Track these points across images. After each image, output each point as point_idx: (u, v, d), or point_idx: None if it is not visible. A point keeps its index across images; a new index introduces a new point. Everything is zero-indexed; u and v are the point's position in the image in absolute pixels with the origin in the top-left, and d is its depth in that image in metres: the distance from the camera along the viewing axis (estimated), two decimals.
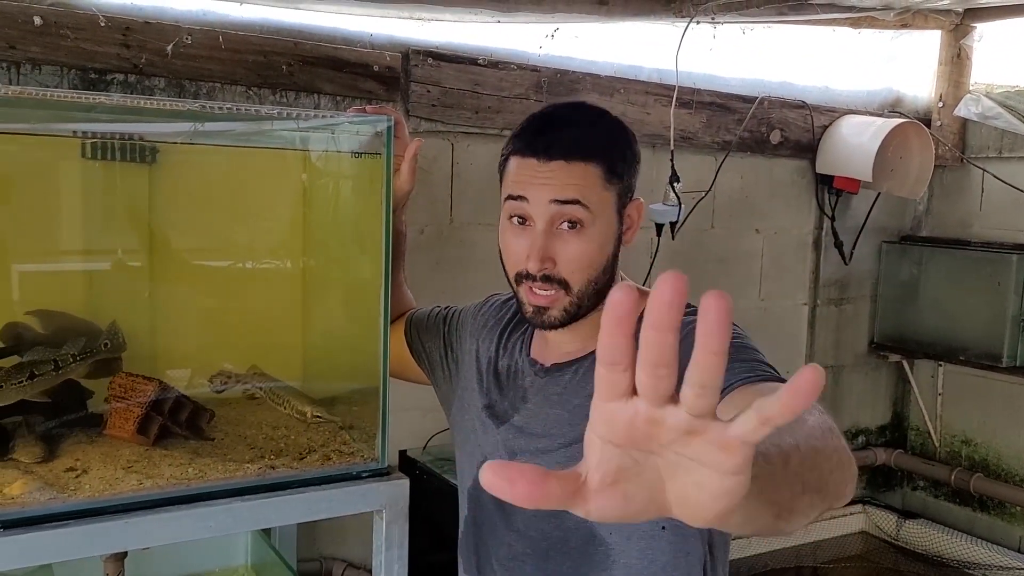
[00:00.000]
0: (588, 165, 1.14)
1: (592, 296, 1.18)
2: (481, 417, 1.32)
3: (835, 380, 3.28)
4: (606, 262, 1.17)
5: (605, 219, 1.16)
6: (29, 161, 1.53)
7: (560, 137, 1.15)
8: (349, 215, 1.66)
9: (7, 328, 1.46)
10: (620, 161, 1.17)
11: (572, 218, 1.14)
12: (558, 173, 1.14)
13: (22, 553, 1.19)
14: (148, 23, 1.84)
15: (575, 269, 1.16)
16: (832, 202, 3.09)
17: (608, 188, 1.16)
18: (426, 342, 1.47)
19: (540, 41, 2.42)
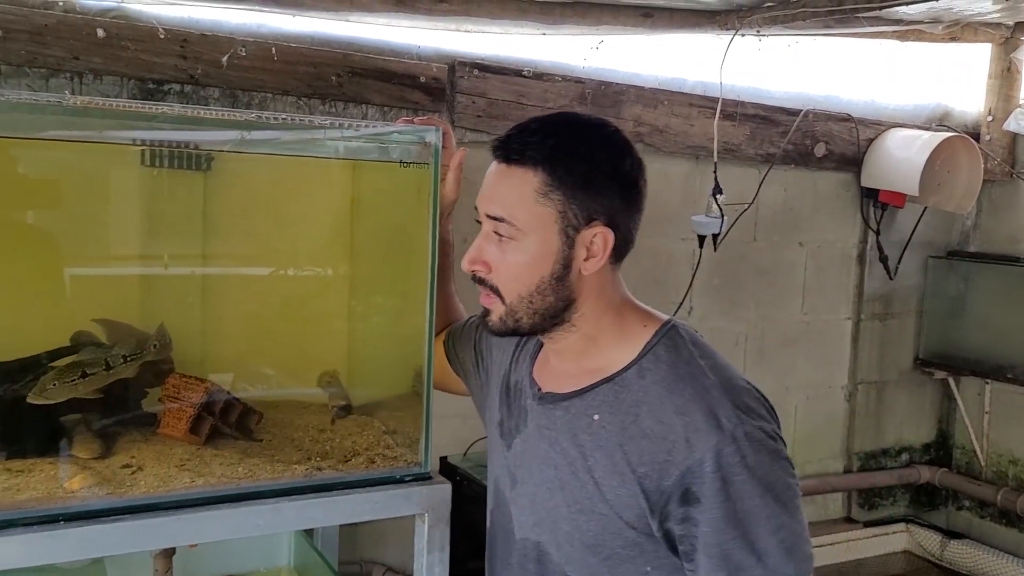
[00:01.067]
0: (525, 171, 1.09)
1: (530, 314, 1.13)
2: (495, 435, 1.31)
3: (879, 397, 3.24)
4: (540, 282, 1.11)
5: (537, 236, 1.10)
6: (93, 168, 1.58)
7: (513, 140, 1.12)
8: (396, 224, 1.69)
9: (75, 336, 1.51)
10: (568, 175, 1.09)
11: (500, 231, 1.11)
12: (497, 182, 1.13)
13: (80, 546, 1.24)
14: (205, 35, 1.90)
15: (504, 280, 1.13)
16: (877, 216, 3.07)
17: (544, 203, 1.09)
18: (460, 351, 1.47)
19: (584, 53, 2.45)
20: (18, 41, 1.73)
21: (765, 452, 1.06)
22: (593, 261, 1.11)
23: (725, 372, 1.12)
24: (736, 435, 1.05)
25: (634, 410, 1.11)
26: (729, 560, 1.04)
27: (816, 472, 3.12)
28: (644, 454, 1.08)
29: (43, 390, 1.35)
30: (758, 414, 1.08)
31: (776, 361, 2.98)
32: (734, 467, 1.04)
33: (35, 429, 1.41)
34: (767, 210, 2.87)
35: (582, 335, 1.16)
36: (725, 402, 1.07)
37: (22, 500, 1.25)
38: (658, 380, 1.11)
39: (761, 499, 1.04)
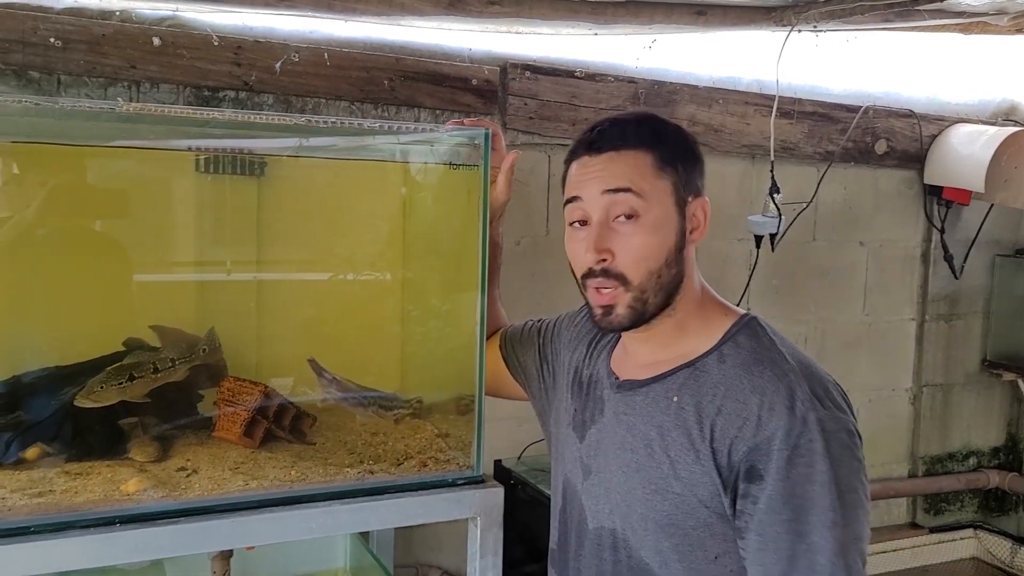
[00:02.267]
0: (638, 153, 1.15)
1: (657, 291, 1.15)
2: (568, 430, 1.32)
3: (945, 399, 3.14)
4: (668, 254, 1.14)
5: (661, 208, 1.14)
6: (147, 175, 1.61)
7: (608, 132, 1.17)
8: (447, 226, 1.69)
9: (127, 342, 1.54)
10: (672, 150, 1.16)
11: (626, 208, 1.13)
12: (608, 165, 1.15)
13: (135, 548, 1.25)
14: (258, 42, 1.92)
15: (634, 260, 1.14)
16: (941, 214, 2.98)
17: (661, 176, 1.14)
18: (521, 356, 1.47)
19: (637, 53, 2.41)
20: (77, 51, 1.76)
21: (836, 443, 1.04)
22: (698, 232, 1.18)
23: (805, 361, 1.13)
24: (808, 419, 1.04)
25: (712, 391, 1.12)
26: (777, 543, 1.03)
27: (880, 476, 3.04)
28: (718, 430, 1.09)
29: (91, 392, 1.37)
30: (836, 404, 1.07)
31: (837, 364, 2.90)
32: (800, 449, 1.03)
33: (93, 432, 1.43)
34: (826, 209, 2.80)
35: (675, 322, 1.19)
36: (803, 386, 1.07)
37: (79, 503, 1.27)
38: (738, 364, 1.13)
39: (823, 488, 1.02)
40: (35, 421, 1.44)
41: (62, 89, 1.78)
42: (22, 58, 1.74)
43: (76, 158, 1.56)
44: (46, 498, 1.27)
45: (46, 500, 1.27)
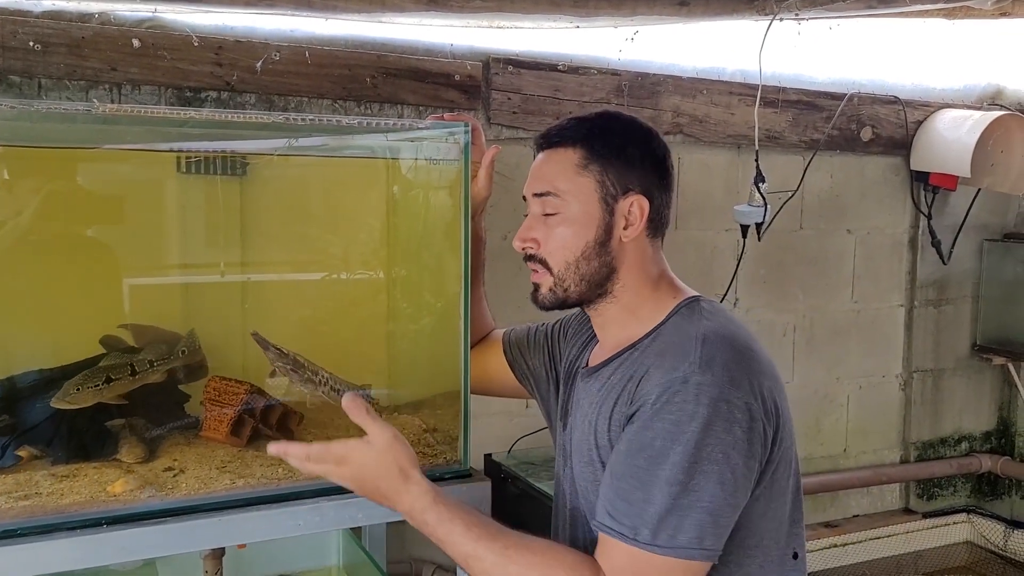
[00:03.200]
0: (566, 150, 1.22)
1: (577, 281, 1.22)
2: (557, 421, 1.39)
3: (935, 385, 3.15)
4: (585, 248, 1.21)
5: (580, 204, 1.20)
6: (130, 176, 1.61)
7: (551, 131, 1.26)
8: (429, 221, 1.69)
9: (103, 340, 1.53)
10: (605, 148, 1.20)
11: (548, 207, 1.22)
12: (541, 166, 1.25)
13: (124, 548, 1.25)
14: (239, 42, 1.92)
15: (551, 250, 1.23)
16: (928, 200, 2.99)
17: (584, 173, 1.20)
18: (530, 360, 1.51)
19: (620, 45, 2.42)
20: (57, 54, 1.76)
21: (713, 411, 1.06)
22: (631, 228, 1.21)
23: (723, 331, 1.15)
24: (689, 380, 1.08)
25: (636, 366, 1.18)
26: (621, 483, 1.08)
27: (871, 463, 3.05)
28: (630, 396, 1.15)
29: (67, 395, 1.37)
30: (731, 378, 1.08)
31: (826, 352, 2.91)
32: (672, 406, 1.07)
33: (80, 434, 1.43)
34: (813, 197, 2.81)
35: (622, 306, 1.25)
36: (698, 351, 1.11)
37: (66, 504, 1.27)
38: (661, 340, 1.19)
39: (680, 448, 1.05)
40: (22, 424, 1.44)
41: (43, 93, 1.78)
42: (2, 62, 1.73)
43: (58, 161, 1.56)
44: (32, 500, 1.28)
45: (32, 503, 1.27)
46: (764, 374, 1.13)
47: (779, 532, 1.18)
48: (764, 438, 1.10)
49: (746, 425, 1.07)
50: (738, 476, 1.07)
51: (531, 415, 2.29)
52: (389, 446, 1.16)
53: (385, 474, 1.16)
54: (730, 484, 1.06)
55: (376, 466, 1.16)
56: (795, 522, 1.21)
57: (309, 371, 1.54)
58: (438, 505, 1.14)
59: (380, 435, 1.16)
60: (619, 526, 1.07)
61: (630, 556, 1.06)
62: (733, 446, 1.06)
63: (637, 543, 1.05)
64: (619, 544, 1.07)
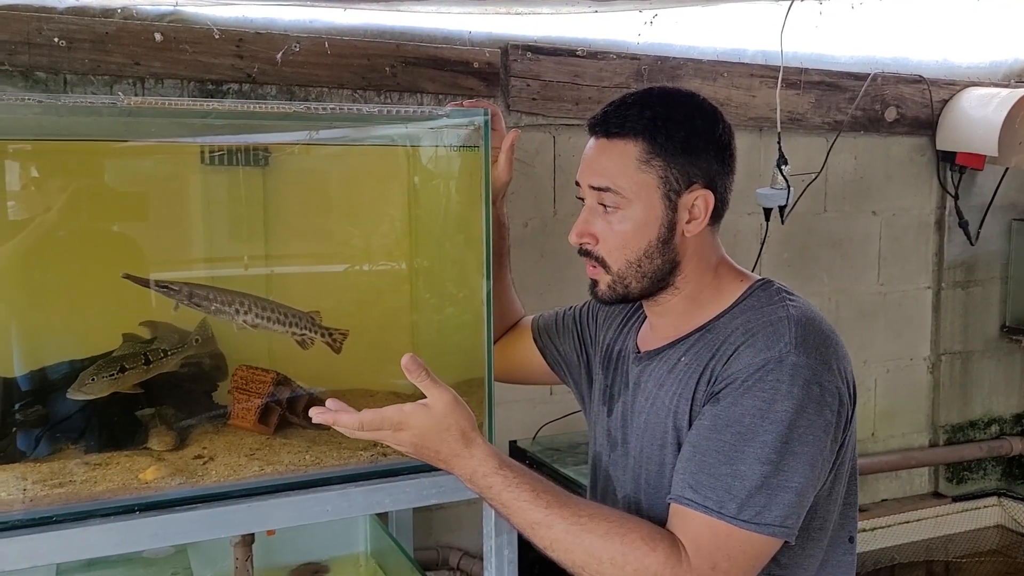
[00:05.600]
0: (626, 143, 1.15)
1: (639, 279, 1.18)
2: (599, 405, 1.35)
3: (964, 367, 3.12)
4: (648, 247, 1.17)
5: (643, 203, 1.15)
6: (155, 169, 1.62)
7: (609, 115, 1.18)
8: (450, 209, 1.69)
9: (126, 337, 1.55)
10: (668, 141, 1.14)
11: (608, 201, 1.17)
12: (598, 156, 1.19)
13: (156, 534, 1.27)
14: (259, 34, 1.93)
15: (611, 249, 1.18)
16: (955, 180, 2.95)
17: (646, 169, 1.15)
18: (561, 346, 1.49)
19: (639, 29, 2.41)
20: (81, 50, 1.78)
21: (806, 392, 1.04)
22: (695, 223, 1.16)
23: (815, 317, 1.12)
24: (785, 360, 1.05)
25: (714, 345, 1.14)
26: (706, 458, 1.06)
27: (900, 447, 3.03)
28: (712, 375, 1.12)
29: (82, 385, 1.39)
30: (824, 361, 1.07)
31: (853, 335, 2.89)
32: (764, 384, 1.05)
33: (111, 424, 1.46)
34: (837, 179, 2.79)
35: (684, 296, 1.21)
36: (792, 330, 1.08)
37: (99, 491, 1.29)
38: (744, 319, 1.15)
39: (772, 426, 1.03)
40: (54, 414, 1.47)
41: (68, 88, 1.81)
42: (28, 59, 1.76)
43: (85, 155, 1.58)
44: (67, 488, 1.30)
45: (67, 490, 1.29)
46: (847, 358, 1.13)
47: (838, 514, 1.18)
48: (846, 422, 1.10)
49: (835, 408, 1.07)
50: (825, 459, 1.07)
51: (555, 402, 2.30)
52: (450, 409, 1.12)
53: (447, 438, 1.13)
54: (818, 466, 1.06)
55: (436, 431, 1.13)
56: (850, 505, 1.20)
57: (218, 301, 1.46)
58: (504, 469, 1.11)
59: (440, 398, 1.13)
60: (703, 499, 1.04)
61: (712, 529, 1.04)
62: (824, 428, 1.06)
63: (722, 516, 1.03)
64: (701, 516, 1.04)
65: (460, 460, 1.13)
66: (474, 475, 1.12)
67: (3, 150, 1.48)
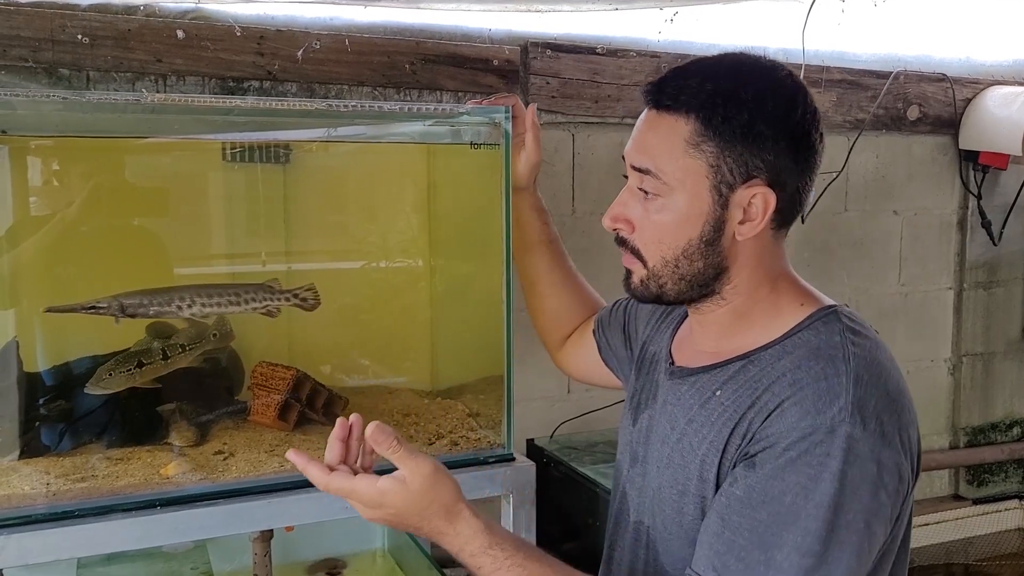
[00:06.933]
0: (677, 119, 0.98)
1: (676, 280, 1.03)
2: (626, 409, 1.24)
3: (986, 369, 3.09)
4: (687, 246, 1.00)
5: (686, 194, 0.99)
6: (177, 165, 1.64)
7: (665, 83, 1.01)
8: (473, 205, 1.70)
9: (150, 328, 1.56)
10: (726, 124, 0.96)
11: (647, 186, 1.01)
12: (646, 131, 1.02)
13: (176, 529, 1.28)
14: (280, 31, 1.94)
15: (647, 241, 1.03)
16: (978, 179, 2.92)
17: (694, 154, 0.97)
18: (611, 339, 1.37)
19: (659, 26, 2.39)
20: (104, 47, 1.79)
21: (859, 471, 0.88)
22: (750, 225, 0.99)
23: (875, 365, 0.95)
24: (837, 431, 0.89)
25: (755, 386, 0.98)
26: (736, 537, 0.91)
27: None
28: (746, 426, 0.96)
29: (100, 380, 1.40)
30: (883, 431, 0.91)
31: None
32: (810, 457, 0.88)
33: (132, 419, 1.47)
34: (858, 178, 2.76)
35: (731, 309, 1.05)
36: (850, 392, 0.91)
37: (121, 486, 1.30)
38: (793, 358, 0.97)
39: (815, 511, 0.87)
40: (77, 409, 1.48)
41: (91, 85, 1.81)
42: (52, 56, 1.77)
43: (108, 151, 1.59)
44: (89, 483, 1.31)
45: (89, 485, 1.31)
46: (913, 423, 0.97)
47: None
48: (906, 498, 0.96)
49: (893, 488, 0.91)
50: (874, 545, 0.92)
51: (573, 400, 2.29)
52: (429, 485, 0.98)
53: (427, 516, 0.99)
54: (866, 555, 0.91)
55: (417, 510, 0.99)
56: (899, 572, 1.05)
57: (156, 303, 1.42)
58: (493, 548, 0.99)
59: (418, 472, 0.98)
60: None
61: None
62: (876, 513, 0.90)
63: None
64: None
65: (446, 538, 1.01)
66: (461, 553, 1.00)
67: (28, 146, 1.49)
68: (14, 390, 1.44)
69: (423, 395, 1.76)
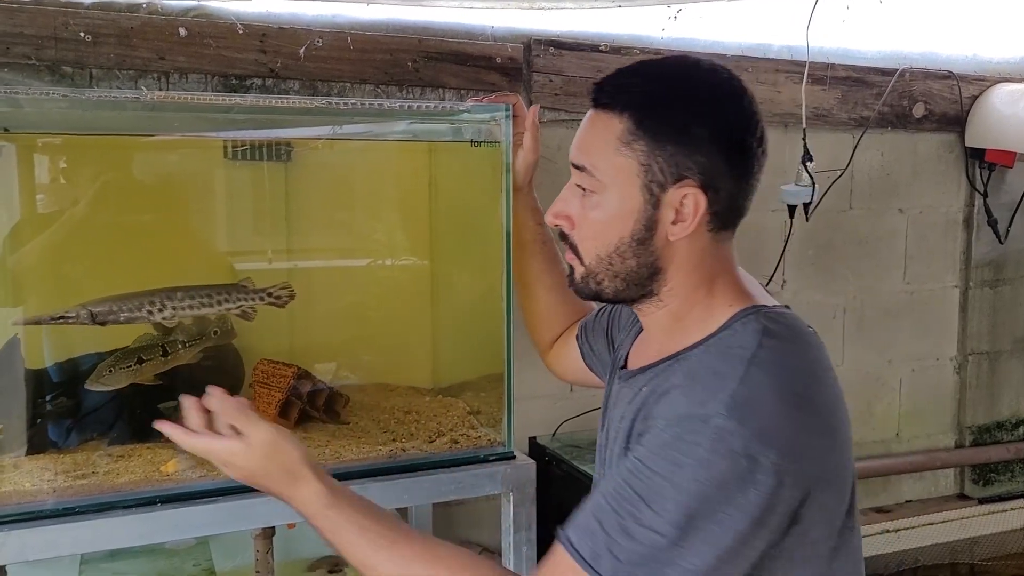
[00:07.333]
0: (611, 117, 0.99)
1: (611, 278, 1.04)
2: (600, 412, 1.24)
3: (992, 367, 3.07)
4: (619, 244, 1.01)
5: (618, 192, 1.00)
6: (179, 163, 1.64)
7: (605, 82, 1.03)
8: (475, 204, 1.70)
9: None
10: (658, 123, 0.97)
11: (583, 183, 1.03)
12: (585, 129, 1.04)
13: (176, 526, 1.29)
14: (283, 29, 1.94)
15: (583, 237, 1.04)
16: (984, 177, 2.90)
17: (625, 152, 0.98)
18: (595, 344, 1.37)
19: (663, 23, 2.39)
20: (107, 45, 1.80)
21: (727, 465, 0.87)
22: (682, 226, 0.99)
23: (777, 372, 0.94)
24: (709, 421, 0.89)
25: (666, 382, 1.00)
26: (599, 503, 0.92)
27: (925, 448, 2.99)
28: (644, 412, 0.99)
29: (100, 376, 1.41)
30: (761, 428, 0.89)
31: (877, 334, 2.86)
32: (681, 443, 0.89)
33: (134, 416, 1.47)
34: (863, 176, 2.75)
35: (669, 312, 1.05)
36: (731, 387, 0.91)
37: (121, 483, 1.31)
38: (704, 356, 0.99)
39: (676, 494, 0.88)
40: (81, 405, 1.48)
41: (94, 83, 1.82)
42: (55, 54, 1.77)
43: (109, 149, 1.59)
44: (89, 480, 1.32)
45: (89, 482, 1.31)
46: (815, 431, 0.94)
47: None
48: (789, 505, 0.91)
49: (768, 491, 0.88)
50: (743, 545, 0.89)
51: (575, 399, 2.29)
52: (271, 447, 1.04)
53: (273, 477, 1.05)
54: (730, 552, 0.88)
55: (261, 468, 1.05)
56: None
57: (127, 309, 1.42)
58: (331, 509, 1.03)
59: (256, 435, 1.04)
60: (579, 542, 0.91)
61: None
62: (746, 512, 0.88)
63: (590, 569, 0.89)
64: (567, 560, 0.91)
65: (293, 502, 1.05)
66: (305, 515, 1.05)
67: (32, 144, 1.50)
68: (17, 387, 1.45)
69: (424, 393, 1.77)
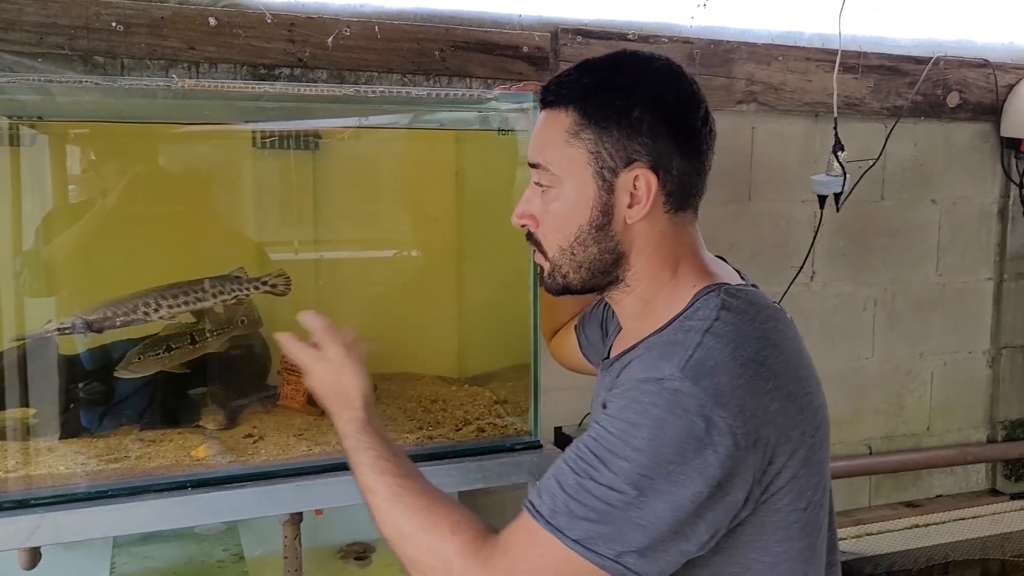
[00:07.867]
0: (559, 113, 1.04)
1: (576, 268, 1.07)
2: None
3: None
4: (579, 232, 1.05)
5: (572, 181, 1.04)
6: (209, 151, 1.65)
7: (551, 84, 1.08)
8: (500, 191, 1.69)
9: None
10: (601, 111, 1.01)
11: (541, 180, 1.07)
12: (538, 129, 1.09)
13: (206, 511, 1.30)
14: (311, 18, 1.94)
15: (545, 232, 1.08)
16: (1020, 168, 2.85)
17: (575, 144, 1.02)
18: (591, 335, 1.42)
19: (692, 11, 2.37)
20: (138, 35, 1.81)
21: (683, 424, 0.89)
22: (637, 208, 1.03)
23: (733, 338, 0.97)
24: (664, 384, 0.92)
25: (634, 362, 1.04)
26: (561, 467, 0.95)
27: (956, 442, 2.95)
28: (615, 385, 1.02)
29: (129, 364, 1.42)
30: (717, 390, 0.91)
31: (909, 327, 2.82)
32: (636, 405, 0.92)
33: (165, 402, 1.49)
34: (895, 167, 2.72)
35: (636, 296, 1.08)
36: (688, 352, 0.94)
37: (153, 468, 1.32)
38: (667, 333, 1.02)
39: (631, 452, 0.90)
40: (114, 391, 1.50)
41: (125, 72, 1.84)
42: (87, 44, 1.79)
43: (142, 138, 1.61)
44: (122, 464, 1.33)
45: (122, 466, 1.33)
46: (770, 394, 0.95)
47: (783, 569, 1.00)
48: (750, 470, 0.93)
49: (725, 452, 0.90)
50: (699, 507, 0.90)
51: None
52: (338, 366, 1.14)
53: (332, 393, 1.15)
54: (686, 515, 0.90)
55: (326, 382, 1.15)
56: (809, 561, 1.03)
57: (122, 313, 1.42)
58: (360, 434, 1.11)
59: (327, 353, 1.15)
60: (539, 503, 0.94)
61: (531, 534, 0.93)
62: (702, 472, 0.89)
63: (548, 525, 0.91)
64: (527, 520, 0.94)
65: (335, 418, 1.15)
66: (340, 435, 1.14)
67: (64, 133, 1.51)
68: (52, 373, 1.47)
69: (450, 382, 1.77)
